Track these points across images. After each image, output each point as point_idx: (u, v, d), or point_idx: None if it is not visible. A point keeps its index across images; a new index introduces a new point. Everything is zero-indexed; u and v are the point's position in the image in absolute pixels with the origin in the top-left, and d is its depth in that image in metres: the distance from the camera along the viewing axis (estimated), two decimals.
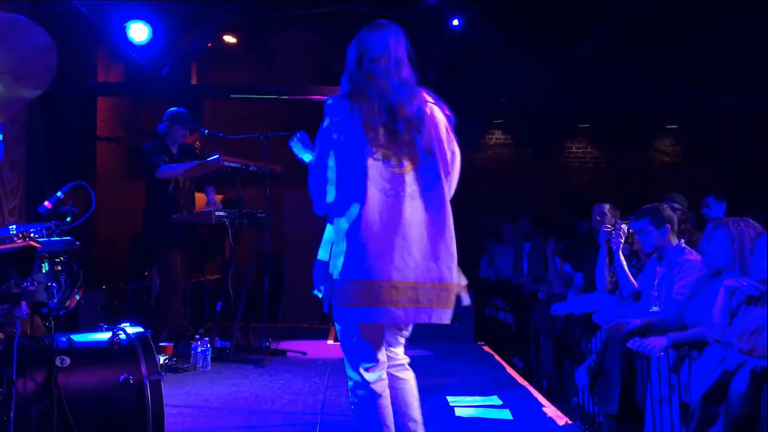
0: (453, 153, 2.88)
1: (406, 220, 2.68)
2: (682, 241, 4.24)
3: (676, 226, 4.24)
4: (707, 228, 3.72)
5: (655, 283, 4.19)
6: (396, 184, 2.70)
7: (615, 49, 8.13)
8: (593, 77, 8.46)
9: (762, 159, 7.89)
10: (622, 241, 4.69)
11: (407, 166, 2.74)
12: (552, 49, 7.94)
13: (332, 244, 2.73)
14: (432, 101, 2.89)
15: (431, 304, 2.72)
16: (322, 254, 2.82)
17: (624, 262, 4.60)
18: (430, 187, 2.76)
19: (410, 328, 3.01)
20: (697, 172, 9.64)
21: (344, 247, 2.65)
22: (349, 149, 2.71)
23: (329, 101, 2.84)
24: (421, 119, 2.79)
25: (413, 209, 2.71)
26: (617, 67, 8.63)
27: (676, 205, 4.72)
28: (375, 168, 2.68)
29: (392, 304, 2.64)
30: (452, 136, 2.90)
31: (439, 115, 2.87)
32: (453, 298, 2.77)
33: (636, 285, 4.50)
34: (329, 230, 2.80)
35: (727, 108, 8.95)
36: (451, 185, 2.88)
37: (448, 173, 2.84)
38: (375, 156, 2.69)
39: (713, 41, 8.03)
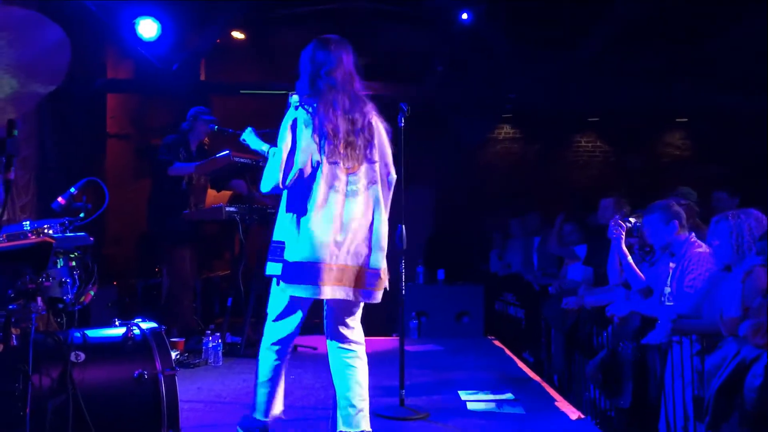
0: (389, 161, 3.33)
1: (346, 214, 3.14)
2: (693, 234, 4.22)
3: (684, 221, 4.22)
4: (711, 223, 3.71)
5: (668, 279, 4.18)
6: (343, 183, 3.17)
7: (623, 46, 8.10)
8: (601, 73, 8.43)
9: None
10: (623, 234, 4.67)
11: (354, 168, 3.20)
12: (560, 45, 7.91)
13: (284, 228, 3.18)
14: (375, 113, 3.31)
15: (357, 285, 3.18)
16: (277, 236, 3.22)
17: (629, 256, 4.59)
18: (369, 188, 3.23)
19: (357, 311, 3.40)
20: (706, 166, 9.59)
21: (294, 232, 3.12)
22: (310, 147, 3.12)
23: (295, 98, 3.23)
24: (370, 129, 3.24)
25: (354, 205, 3.17)
26: (625, 63, 8.60)
27: (682, 201, 4.70)
28: (329, 168, 3.14)
29: (324, 283, 3.09)
30: (389, 144, 3.35)
31: (381, 127, 3.32)
32: (379, 282, 3.25)
33: (644, 278, 4.48)
34: (283, 214, 3.24)
35: (736, 105, 8.90)
36: (391, 186, 3.33)
37: (387, 173, 3.32)
38: (330, 158, 3.14)
39: (722, 39, 7.99)
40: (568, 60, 7.67)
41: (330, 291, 3.11)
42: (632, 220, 4.72)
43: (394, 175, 3.37)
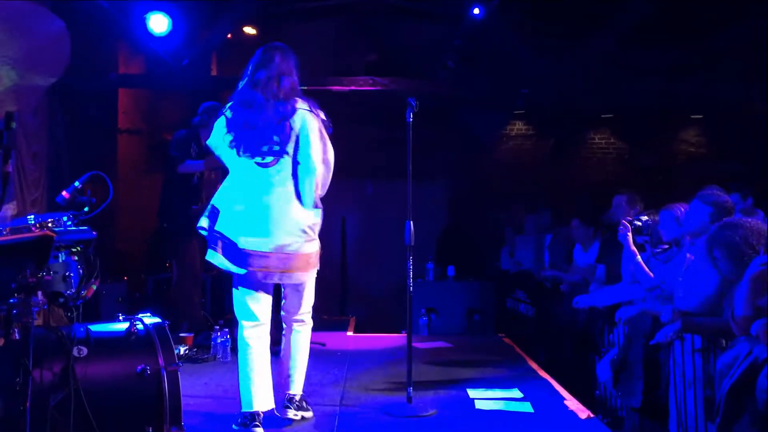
0: (323, 150, 3.62)
1: (265, 204, 3.49)
2: None
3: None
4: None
5: (684, 269, 4.10)
6: (261, 176, 3.53)
7: (636, 42, 8.01)
8: (615, 69, 8.34)
9: None
10: (629, 234, 4.62)
11: (271, 161, 3.53)
12: (573, 41, 7.84)
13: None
14: (306, 108, 3.59)
15: (281, 269, 3.52)
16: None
17: (638, 255, 4.53)
18: (285, 180, 3.53)
19: (302, 291, 3.78)
20: (722, 163, 9.48)
21: (226, 221, 3.53)
22: (230, 144, 3.63)
23: (229, 103, 3.70)
24: (284, 125, 3.53)
25: (274, 196, 3.50)
26: (639, 59, 8.51)
27: None
28: (246, 162, 3.55)
29: (254, 268, 3.47)
30: (323, 136, 3.63)
31: (310, 121, 3.57)
32: (299, 264, 3.55)
33: (653, 276, 4.43)
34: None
35: (751, 100, 8.78)
36: (315, 176, 3.57)
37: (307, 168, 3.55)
38: (245, 152, 3.55)
39: (735, 32, 7.88)
40: (581, 55, 7.60)
41: (256, 275, 3.60)
42: (643, 218, 4.66)
43: (324, 162, 3.64)
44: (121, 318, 2.78)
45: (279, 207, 3.52)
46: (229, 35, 7.84)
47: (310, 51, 9.01)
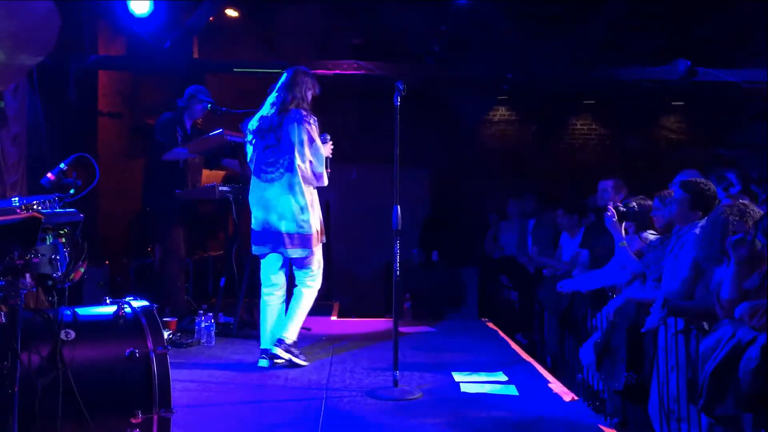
0: (312, 152, 4.64)
1: (268, 195, 4.66)
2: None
3: (708, 212, 4.12)
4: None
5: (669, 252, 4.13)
6: (267, 172, 4.67)
7: (621, 28, 8.03)
8: (599, 54, 8.36)
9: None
10: (615, 219, 4.65)
11: (273, 162, 4.65)
12: (559, 25, 7.85)
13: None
14: (304, 114, 4.62)
15: (280, 246, 4.67)
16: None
17: (624, 240, 4.57)
18: (282, 175, 4.63)
19: (304, 262, 4.78)
20: (703, 149, 9.58)
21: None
22: (250, 146, 4.79)
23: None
24: (282, 130, 4.61)
25: (274, 189, 4.64)
26: (624, 45, 8.53)
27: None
28: (258, 161, 4.72)
29: (262, 244, 4.75)
30: (309, 139, 4.62)
31: (297, 128, 4.59)
32: (291, 241, 4.65)
33: (637, 260, 4.47)
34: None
35: (731, 87, 8.85)
36: (305, 172, 4.64)
37: (295, 166, 4.60)
38: (259, 153, 4.72)
39: (719, 19, 7.93)
40: (567, 40, 7.60)
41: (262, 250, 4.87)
42: (633, 204, 4.68)
43: (310, 160, 4.65)
44: (108, 301, 2.75)
45: None
46: (211, 17, 7.74)
47: (294, 34, 8.95)
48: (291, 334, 4.67)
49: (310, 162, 4.62)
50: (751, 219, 3.40)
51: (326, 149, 4.74)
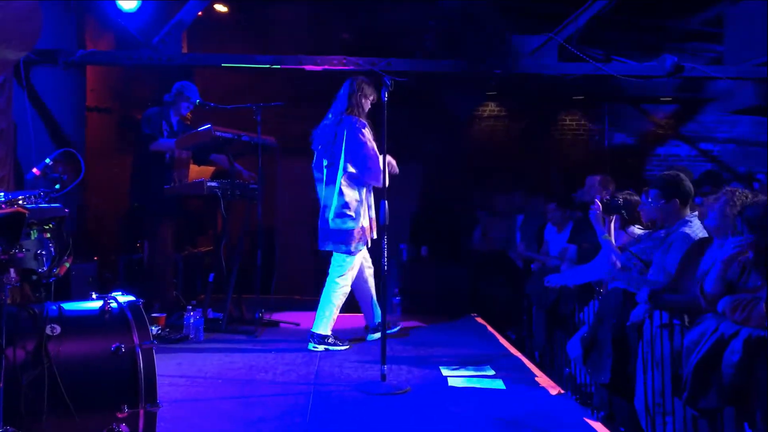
0: (361, 155, 5.02)
1: (322, 195, 5.25)
2: (694, 214, 4.19)
3: (688, 200, 4.16)
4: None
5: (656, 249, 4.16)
6: (321, 174, 5.21)
7: (611, 24, 8.02)
8: (588, 50, 8.37)
9: None
10: (598, 212, 4.68)
11: (327, 165, 5.15)
12: (550, 21, 7.84)
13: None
14: (355, 120, 5.02)
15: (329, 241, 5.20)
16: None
17: (607, 233, 4.59)
18: (332, 176, 5.10)
19: (339, 257, 5.27)
20: (690, 146, 9.63)
21: None
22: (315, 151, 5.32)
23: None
24: (336, 136, 5.08)
25: (326, 189, 5.18)
26: (613, 41, 8.53)
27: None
28: (315, 164, 5.29)
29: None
30: (358, 143, 5.01)
31: (347, 134, 5.01)
32: (327, 236, 5.22)
33: (620, 253, 4.50)
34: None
35: (720, 83, 8.89)
36: (351, 174, 5.05)
37: (341, 168, 5.05)
38: (316, 157, 5.26)
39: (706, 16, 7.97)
40: (555, 35, 7.61)
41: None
42: (619, 198, 4.71)
43: (362, 163, 5.02)
44: (94, 296, 2.75)
45: None
46: (200, 12, 7.70)
47: (283, 29, 8.93)
48: (321, 328, 5.06)
49: (359, 164, 4.99)
50: (732, 201, 3.44)
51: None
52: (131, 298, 2.76)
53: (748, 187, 5.45)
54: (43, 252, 2.51)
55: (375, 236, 5.18)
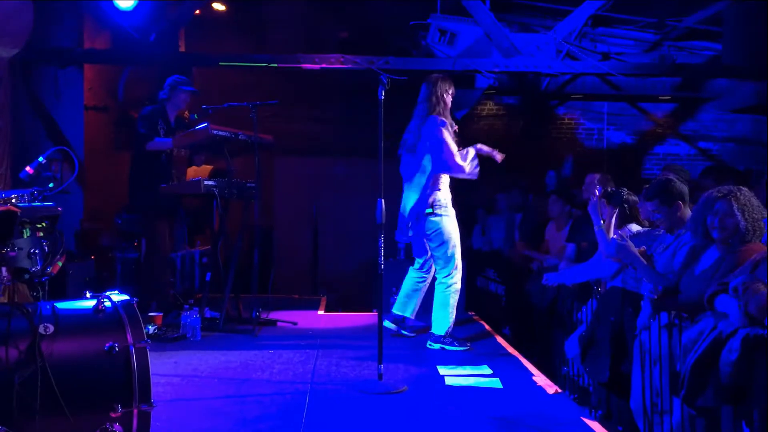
0: (444, 153, 5.12)
1: (405, 195, 5.39)
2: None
3: (687, 198, 4.12)
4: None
5: (660, 251, 4.13)
6: (406, 175, 5.39)
7: (607, 20, 8.03)
8: (586, 48, 8.38)
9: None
10: (596, 199, 4.66)
11: (410, 165, 5.36)
12: (547, 17, 7.85)
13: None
14: (438, 120, 5.11)
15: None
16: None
17: (601, 224, 4.57)
18: (413, 177, 5.28)
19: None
20: (690, 144, 9.62)
21: None
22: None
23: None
24: (419, 138, 5.20)
25: (408, 190, 5.36)
26: (607, 38, 8.55)
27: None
28: (402, 168, 5.42)
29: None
30: (439, 141, 5.09)
31: (429, 133, 5.13)
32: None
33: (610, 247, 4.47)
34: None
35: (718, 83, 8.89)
36: (435, 173, 5.18)
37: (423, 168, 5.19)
38: (402, 160, 5.43)
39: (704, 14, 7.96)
40: (553, 33, 7.60)
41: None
42: (624, 190, 4.68)
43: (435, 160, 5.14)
44: (88, 295, 2.73)
45: None
46: (197, 11, 7.70)
47: (280, 27, 8.92)
48: (435, 328, 5.16)
49: (443, 162, 5.07)
50: (737, 200, 3.40)
51: (470, 161, 5.25)
52: (125, 297, 2.75)
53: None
54: (36, 251, 2.49)
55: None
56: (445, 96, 5.19)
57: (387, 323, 5.31)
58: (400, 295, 5.51)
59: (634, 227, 4.74)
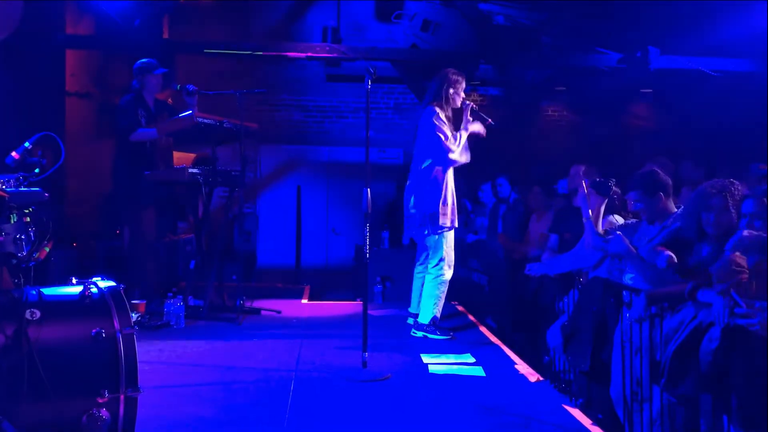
0: (436, 143, 5.16)
1: (409, 184, 5.45)
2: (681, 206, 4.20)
3: (670, 190, 4.16)
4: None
5: (645, 243, 4.17)
6: (412, 164, 5.41)
7: (593, 14, 8.04)
8: (569, 40, 8.40)
9: (743, 125, 7.92)
10: (586, 192, 4.69)
11: (415, 155, 5.35)
12: (531, 11, 7.87)
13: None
14: (433, 111, 5.16)
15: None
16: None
17: (590, 215, 4.61)
18: (417, 165, 5.29)
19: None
20: (673, 138, 9.69)
21: None
22: None
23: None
24: (419, 127, 5.30)
25: (411, 179, 5.43)
26: (595, 31, 8.56)
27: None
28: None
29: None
30: (433, 129, 5.13)
31: (424, 123, 5.19)
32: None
33: (599, 237, 4.52)
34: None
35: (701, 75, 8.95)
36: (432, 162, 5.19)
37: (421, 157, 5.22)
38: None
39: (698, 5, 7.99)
40: (542, 25, 7.63)
41: None
42: (613, 180, 4.71)
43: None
44: (74, 281, 2.73)
45: None
46: None
47: (266, 15, 8.87)
48: (421, 317, 5.22)
49: (437, 152, 5.11)
50: (731, 196, 3.45)
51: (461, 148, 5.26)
52: (111, 283, 2.74)
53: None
54: (23, 236, 2.48)
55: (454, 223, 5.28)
56: (449, 91, 5.22)
57: (411, 320, 5.40)
58: (414, 294, 5.56)
59: (615, 218, 4.79)
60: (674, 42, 7.90)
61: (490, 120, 5.38)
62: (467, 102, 5.36)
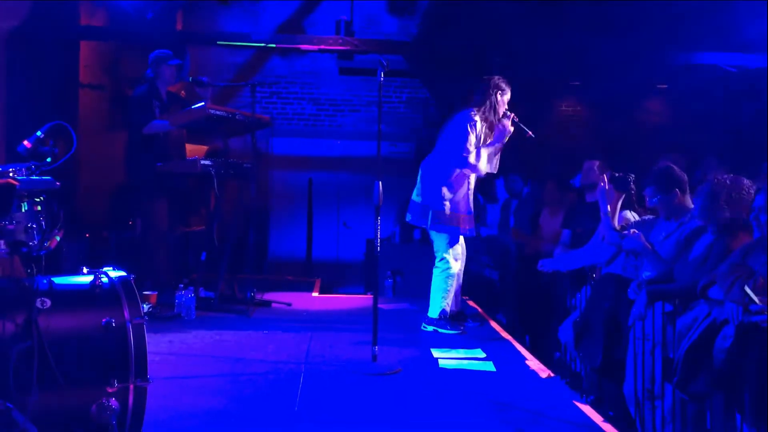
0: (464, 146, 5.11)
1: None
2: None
3: (686, 187, 4.12)
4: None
5: (662, 239, 4.13)
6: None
7: (608, 9, 7.98)
8: (585, 35, 8.33)
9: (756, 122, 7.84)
10: (606, 187, 4.66)
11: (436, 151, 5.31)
12: (545, 5, 7.81)
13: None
14: (469, 114, 5.15)
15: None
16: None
17: (608, 209, 4.58)
18: (435, 163, 5.22)
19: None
20: (688, 134, 9.60)
21: None
22: None
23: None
24: (448, 126, 5.24)
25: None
26: (611, 25, 8.49)
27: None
28: None
29: None
30: (462, 133, 5.10)
31: (456, 124, 5.16)
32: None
33: (615, 232, 4.49)
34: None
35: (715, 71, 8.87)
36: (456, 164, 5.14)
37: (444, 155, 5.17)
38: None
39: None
40: (553, 19, 7.58)
41: None
42: (632, 176, 4.68)
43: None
44: (85, 271, 2.73)
45: None
46: None
47: (279, 9, 8.86)
48: (430, 311, 5.20)
49: (460, 154, 5.05)
50: (739, 192, 3.42)
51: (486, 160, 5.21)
52: (122, 273, 2.74)
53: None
54: (34, 225, 2.48)
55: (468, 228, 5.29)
56: (495, 98, 5.20)
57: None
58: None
59: (629, 215, 4.75)
60: (691, 37, 7.82)
61: (530, 132, 5.28)
62: (509, 113, 5.27)
